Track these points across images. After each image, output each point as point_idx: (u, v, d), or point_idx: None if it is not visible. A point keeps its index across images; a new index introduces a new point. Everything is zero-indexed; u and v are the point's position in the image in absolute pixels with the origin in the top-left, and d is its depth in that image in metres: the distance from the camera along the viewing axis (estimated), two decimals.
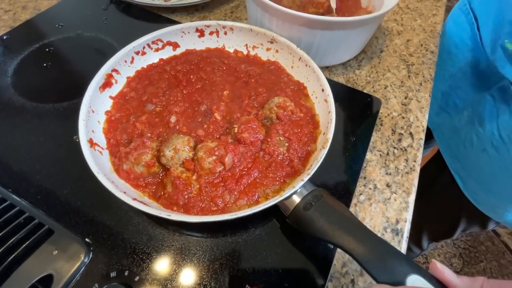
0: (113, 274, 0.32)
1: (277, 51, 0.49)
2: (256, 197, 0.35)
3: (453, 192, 0.64)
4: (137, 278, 0.32)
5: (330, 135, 0.37)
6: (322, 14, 0.59)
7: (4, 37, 0.55)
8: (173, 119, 0.40)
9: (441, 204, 0.72)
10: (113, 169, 0.36)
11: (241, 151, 0.36)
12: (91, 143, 0.35)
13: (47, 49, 0.54)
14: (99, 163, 0.33)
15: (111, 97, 0.43)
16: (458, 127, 0.62)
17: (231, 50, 0.51)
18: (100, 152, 0.36)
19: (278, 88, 0.45)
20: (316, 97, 0.44)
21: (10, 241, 0.32)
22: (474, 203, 0.61)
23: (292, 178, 0.36)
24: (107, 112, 0.41)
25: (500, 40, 0.48)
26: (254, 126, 0.38)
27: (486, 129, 0.54)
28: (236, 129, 0.38)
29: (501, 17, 0.49)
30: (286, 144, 0.38)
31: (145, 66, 0.47)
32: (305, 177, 0.33)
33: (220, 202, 0.34)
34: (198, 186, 0.34)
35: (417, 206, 0.76)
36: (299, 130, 0.39)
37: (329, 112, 0.39)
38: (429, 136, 0.73)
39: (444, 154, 0.67)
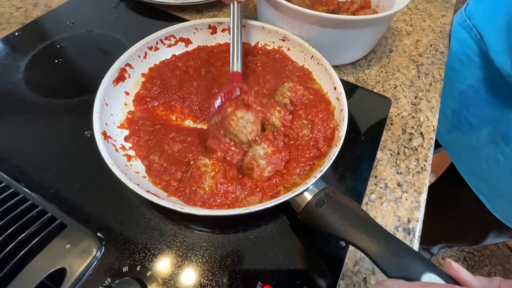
0: (125, 269, 0.32)
1: (288, 49, 0.49)
2: (279, 189, 0.35)
3: (478, 209, 0.61)
4: (149, 273, 0.32)
5: (343, 132, 0.37)
6: (333, 11, 0.59)
7: (16, 34, 0.56)
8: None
9: (465, 220, 0.70)
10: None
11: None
12: (105, 135, 0.36)
13: (58, 46, 0.55)
14: (113, 156, 0.34)
15: (126, 92, 0.43)
16: (476, 146, 0.60)
17: None
18: (116, 149, 0.36)
19: (284, 75, 0.46)
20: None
21: (23, 235, 0.32)
22: (505, 222, 0.59)
23: (320, 160, 0.37)
24: (130, 113, 0.42)
25: None
26: (280, 108, 0.39)
27: None
28: (282, 111, 0.39)
29: None
30: (309, 126, 0.39)
31: (157, 63, 0.47)
32: (318, 174, 0.33)
33: (232, 197, 0.34)
34: (211, 184, 0.34)
35: (437, 218, 0.76)
36: (315, 110, 0.40)
37: (342, 110, 0.39)
38: (436, 144, 0.72)
39: (463, 172, 0.64)
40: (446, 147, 0.70)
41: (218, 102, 0.39)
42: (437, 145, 0.73)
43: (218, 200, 0.33)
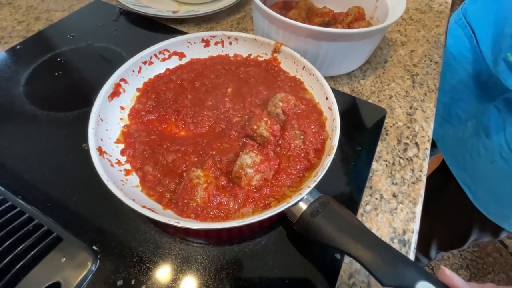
0: (119, 283, 0.32)
1: (280, 60, 0.50)
2: (270, 200, 0.35)
3: (463, 202, 0.63)
4: (143, 287, 0.32)
5: (336, 142, 0.37)
6: (328, 22, 0.60)
7: (18, 47, 0.57)
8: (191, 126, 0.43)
9: (451, 214, 0.72)
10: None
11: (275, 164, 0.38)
12: (100, 151, 0.36)
13: (58, 59, 0.56)
14: (108, 171, 0.34)
15: (121, 107, 0.43)
16: (463, 138, 0.62)
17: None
18: (111, 164, 0.37)
19: (277, 86, 0.47)
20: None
21: (19, 248, 0.32)
22: (485, 214, 0.60)
23: (310, 172, 0.37)
24: (125, 127, 0.42)
25: (502, 53, 0.49)
26: (266, 119, 0.40)
27: (493, 140, 0.54)
28: (268, 121, 0.39)
29: (500, 30, 0.50)
30: (302, 137, 0.39)
31: (152, 77, 0.48)
32: (312, 183, 0.33)
33: (225, 209, 0.34)
34: (203, 196, 0.34)
35: (426, 216, 0.76)
36: (307, 120, 0.41)
37: (334, 119, 0.40)
38: (433, 145, 0.73)
39: (450, 165, 0.67)
40: (437, 140, 0.72)
41: None
42: (431, 147, 0.75)
43: (211, 212, 0.33)
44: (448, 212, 0.72)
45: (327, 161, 0.35)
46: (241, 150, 0.38)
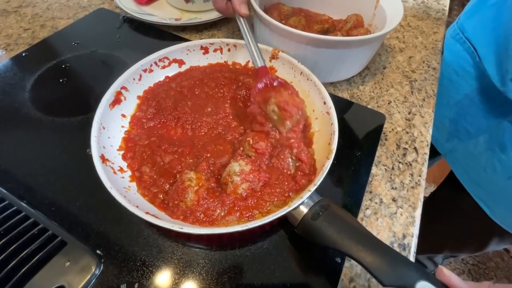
0: (123, 287, 0.32)
1: (277, 69, 0.51)
2: (254, 213, 0.35)
3: (479, 215, 0.62)
4: None
5: (334, 146, 0.38)
6: (328, 29, 0.61)
7: (23, 54, 0.58)
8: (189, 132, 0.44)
9: (466, 226, 0.70)
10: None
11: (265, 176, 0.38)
12: (103, 159, 0.37)
13: (63, 66, 0.57)
14: (112, 179, 0.34)
15: (123, 115, 0.44)
16: (474, 153, 0.61)
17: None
18: (114, 171, 0.37)
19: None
20: (315, 111, 0.45)
21: (24, 253, 0.33)
22: (505, 228, 0.60)
23: (296, 193, 0.37)
24: (126, 132, 0.43)
25: (509, 74, 0.48)
26: (249, 139, 0.40)
27: (510, 156, 0.53)
28: (251, 140, 0.40)
29: (504, 50, 0.49)
30: (297, 164, 0.39)
31: (152, 85, 0.49)
32: (312, 187, 0.34)
33: (211, 215, 0.34)
34: (193, 198, 0.34)
35: (436, 226, 0.76)
36: (302, 147, 0.40)
37: (332, 124, 0.40)
38: (435, 153, 0.73)
39: (463, 180, 0.66)
40: (445, 154, 0.71)
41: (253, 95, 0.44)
42: (436, 154, 0.74)
43: (199, 216, 0.34)
44: (462, 223, 0.71)
45: (327, 164, 0.36)
46: (233, 156, 0.39)
